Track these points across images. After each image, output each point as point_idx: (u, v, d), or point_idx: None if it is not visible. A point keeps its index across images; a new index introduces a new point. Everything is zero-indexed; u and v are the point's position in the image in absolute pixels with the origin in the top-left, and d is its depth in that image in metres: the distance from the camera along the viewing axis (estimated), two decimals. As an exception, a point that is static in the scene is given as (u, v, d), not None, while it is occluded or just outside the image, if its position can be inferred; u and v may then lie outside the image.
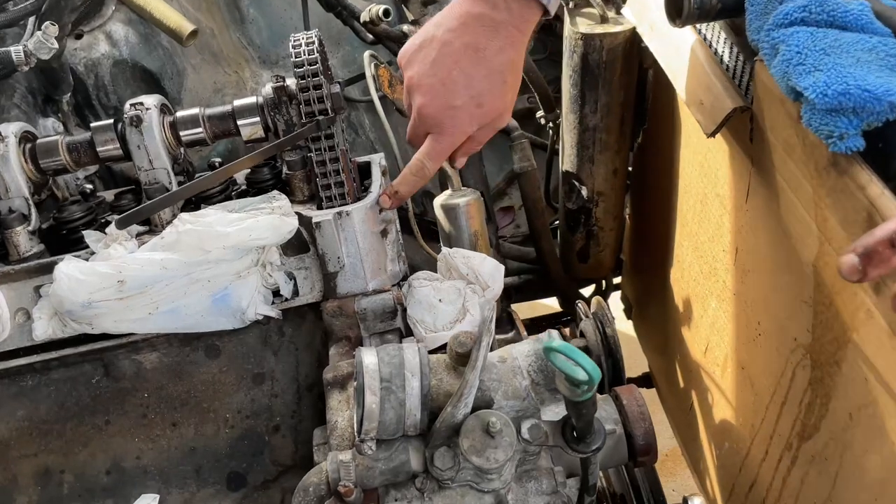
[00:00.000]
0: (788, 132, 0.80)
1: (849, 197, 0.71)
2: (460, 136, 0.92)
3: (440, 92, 0.88)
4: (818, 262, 0.80)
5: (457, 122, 0.90)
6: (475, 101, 0.88)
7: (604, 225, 1.37)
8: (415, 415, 0.72)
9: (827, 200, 0.75)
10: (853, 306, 0.76)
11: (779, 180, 0.85)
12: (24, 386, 0.99)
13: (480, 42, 0.85)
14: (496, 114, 0.91)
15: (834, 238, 0.76)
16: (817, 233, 0.79)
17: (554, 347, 0.62)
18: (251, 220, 0.91)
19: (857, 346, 0.76)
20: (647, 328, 1.54)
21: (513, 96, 0.92)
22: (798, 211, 0.82)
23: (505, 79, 0.88)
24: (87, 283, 0.89)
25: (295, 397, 1.01)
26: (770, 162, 0.86)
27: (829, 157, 0.73)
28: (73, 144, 1.00)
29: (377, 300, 0.95)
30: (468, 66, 0.86)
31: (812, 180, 0.77)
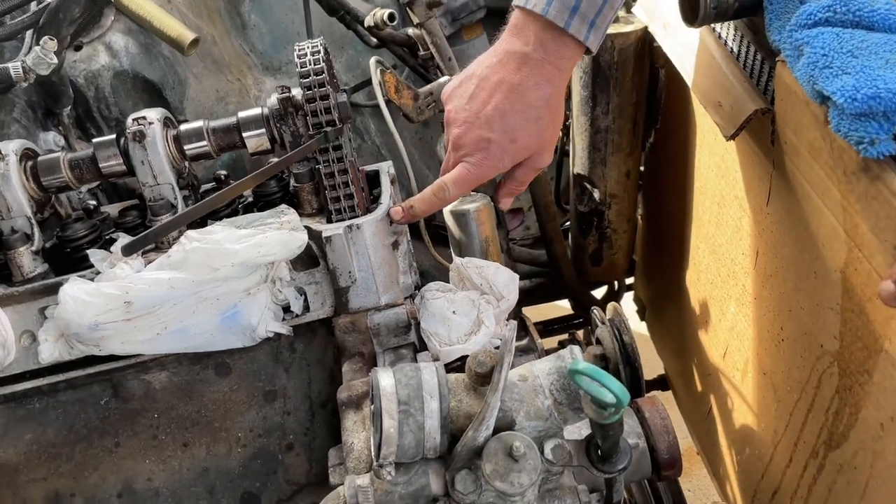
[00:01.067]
0: (814, 135, 0.77)
1: (882, 203, 0.68)
2: (490, 170, 0.90)
3: (474, 124, 0.87)
4: (847, 268, 0.78)
5: (489, 155, 0.88)
6: (508, 136, 0.87)
7: (617, 227, 1.34)
8: (434, 438, 0.70)
9: (857, 206, 0.72)
10: (886, 314, 0.73)
11: (803, 184, 0.83)
12: (31, 409, 0.97)
13: (515, 78, 0.84)
14: (531, 151, 0.89)
15: (864, 245, 0.73)
16: (846, 238, 0.76)
17: (580, 370, 0.59)
18: (260, 236, 0.88)
19: (890, 355, 0.74)
20: (662, 330, 1.51)
21: (552, 134, 0.90)
22: (824, 215, 0.80)
23: (541, 115, 0.86)
24: (94, 305, 0.86)
25: (308, 415, 0.99)
26: (794, 165, 0.84)
27: (859, 162, 0.70)
28: (75, 161, 0.98)
29: (390, 314, 0.93)
30: (503, 101, 0.85)
31: (840, 185, 0.75)
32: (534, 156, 0.90)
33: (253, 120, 0.98)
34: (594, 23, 0.81)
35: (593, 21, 0.81)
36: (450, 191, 0.93)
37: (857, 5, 0.72)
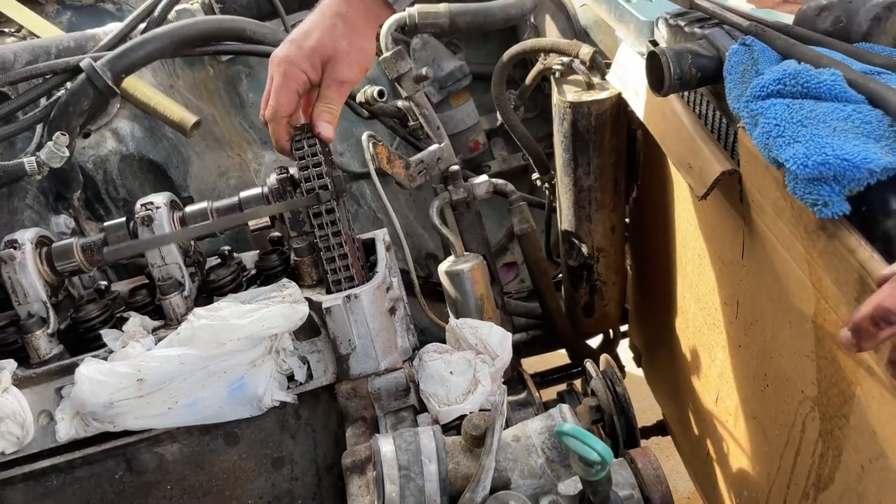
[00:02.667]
0: (776, 195, 0.83)
1: (840, 259, 0.73)
2: (291, 67, 0.97)
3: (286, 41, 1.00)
4: (817, 318, 0.83)
5: (287, 53, 0.97)
6: (303, 35, 0.97)
7: (606, 279, 1.39)
8: (435, 500, 0.73)
9: (819, 261, 0.78)
10: (855, 361, 0.78)
11: (772, 239, 0.88)
12: (49, 486, 1.01)
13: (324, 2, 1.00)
14: (326, 51, 0.97)
15: (829, 296, 0.78)
16: (813, 290, 0.81)
17: (566, 432, 0.64)
18: (263, 310, 0.93)
19: (861, 400, 0.78)
20: (658, 376, 1.55)
21: (349, 46, 0.98)
22: (793, 269, 0.85)
23: (335, 22, 0.97)
24: (108, 384, 0.91)
25: (315, 479, 1.03)
26: (762, 222, 0.89)
27: (817, 221, 0.76)
28: (86, 245, 1.04)
29: (390, 379, 0.97)
30: (309, 17, 0.99)
31: (803, 241, 0.80)
32: (330, 63, 0.98)
33: (254, 198, 1.04)
34: None
35: None
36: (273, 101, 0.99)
37: (805, 78, 0.79)
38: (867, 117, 0.74)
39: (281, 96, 0.98)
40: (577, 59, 1.25)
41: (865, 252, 0.70)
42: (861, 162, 0.70)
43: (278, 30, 1.31)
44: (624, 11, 1.19)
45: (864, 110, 0.75)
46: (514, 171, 1.71)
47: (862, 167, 0.70)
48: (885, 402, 0.73)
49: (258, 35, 1.26)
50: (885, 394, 0.73)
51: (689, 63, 0.93)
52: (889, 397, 0.72)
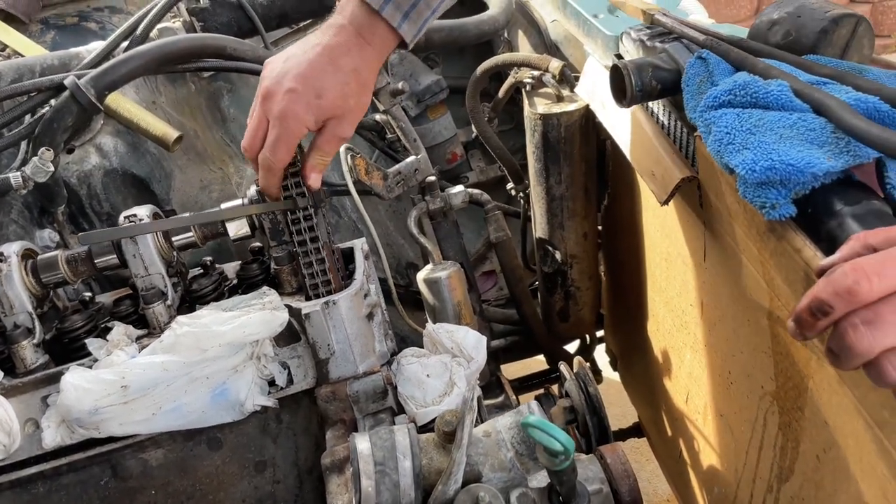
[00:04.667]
0: (731, 199, 0.87)
1: (788, 259, 0.78)
2: (297, 124, 0.93)
3: (286, 77, 0.92)
4: (771, 315, 0.87)
5: (294, 107, 0.91)
6: (315, 91, 0.91)
7: (580, 285, 1.44)
8: (409, 494, 0.77)
9: (771, 261, 0.82)
10: (805, 355, 0.82)
11: (729, 242, 0.93)
12: (35, 493, 1.03)
13: (331, 42, 0.93)
14: (334, 112, 0.94)
15: (781, 294, 0.83)
16: (767, 289, 0.86)
17: (531, 423, 0.67)
18: (244, 317, 0.97)
19: (813, 392, 0.82)
20: (633, 379, 1.59)
21: (356, 105, 0.96)
22: (748, 269, 0.89)
23: (348, 80, 0.93)
24: (93, 391, 0.94)
25: (296, 482, 1.06)
26: (720, 225, 0.94)
27: (766, 224, 0.80)
28: (71, 257, 1.06)
29: (368, 382, 1.00)
30: (315, 59, 0.92)
31: (756, 243, 0.85)
32: (335, 120, 0.95)
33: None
34: (408, 14, 0.91)
35: (407, 12, 0.91)
36: (270, 159, 0.95)
37: (754, 88, 0.83)
38: (811, 125, 0.79)
39: (281, 151, 0.94)
40: (548, 72, 1.30)
41: (810, 251, 0.74)
42: (805, 166, 0.74)
43: (258, 47, 1.34)
44: (591, 27, 1.24)
45: (808, 118, 0.80)
46: (491, 182, 1.75)
47: (806, 171, 0.74)
48: (833, 392, 0.78)
49: (239, 52, 1.30)
50: (833, 384, 0.77)
51: (650, 76, 0.97)
52: (837, 387, 0.77)
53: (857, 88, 0.82)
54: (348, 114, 0.96)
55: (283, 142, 0.94)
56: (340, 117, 0.95)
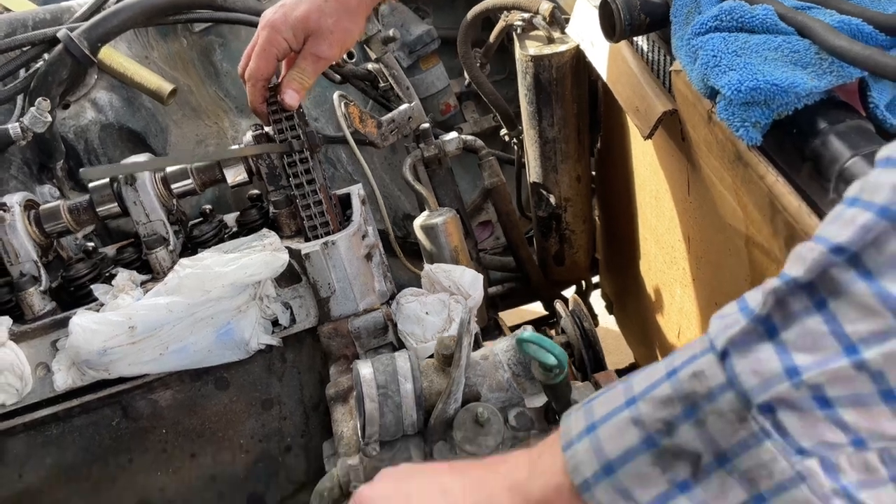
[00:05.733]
0: (704, 131, 0.89)
1: (755, 185, 0.80)
2: (274, 35, 1.00)
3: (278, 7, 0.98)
4: (748, 242, 0.90)
5: (274, 18, 0.98)
6: (293, 6, 0.96)
7: (574, 228, 1.46)
8: (411, 415, 0.80)
9: (743, 189, 0.85)
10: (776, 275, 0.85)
11: (708, 173, 0.95)
12: (49, 435, 1.06)
13: None
14: (311, 25, 0.97)
15: (754, 220, 0.85)
16: (742, 217, 0.88)
17: (525, 339, 0.70)
18: (246, 258, 0.99)
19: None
20: (628, 321, 1.63)
21: (335, 25, 0.98)
22: (726, 199, 0.92)
23: None
24: (101, 332, 0.96)
25: (303, 418, 1.09)
26: (699, 158, 0.96)
27: (735, 152, 0.83)
28: (73, 207, 1.08)
29: (368, 319, 1.03)
30: None
31: (729, 172, 0.87)
32: (312, 38, 1.00)
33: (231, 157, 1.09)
34: None
35: None
36: None
37: (740, 13, 0.85)
38: (795, 47, 0.81)
39: (260, 60, 1.01)
40: (538, 14, 1.30)
41: (771, 177, 0.77)
42: (789, 86, 0.76)
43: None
44: (580, -34, 1.24)
45: (792, 41, 0.81)
46: (485, 133, 1.76)
47: (790, 91, 0.76)
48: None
49: (229, 3, 1.30)
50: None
51: (638, 9, 0.98)
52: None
53: (841, 12, 0.83)
54: (326, 33, 0.99)
55: (261, 52, 0.99)
56: (317, 35, 0.99)
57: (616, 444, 0.50)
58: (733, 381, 0.46)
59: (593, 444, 0.51)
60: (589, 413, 0.53)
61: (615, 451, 0.50)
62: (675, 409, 0.49)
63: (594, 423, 0.52)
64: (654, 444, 0.49)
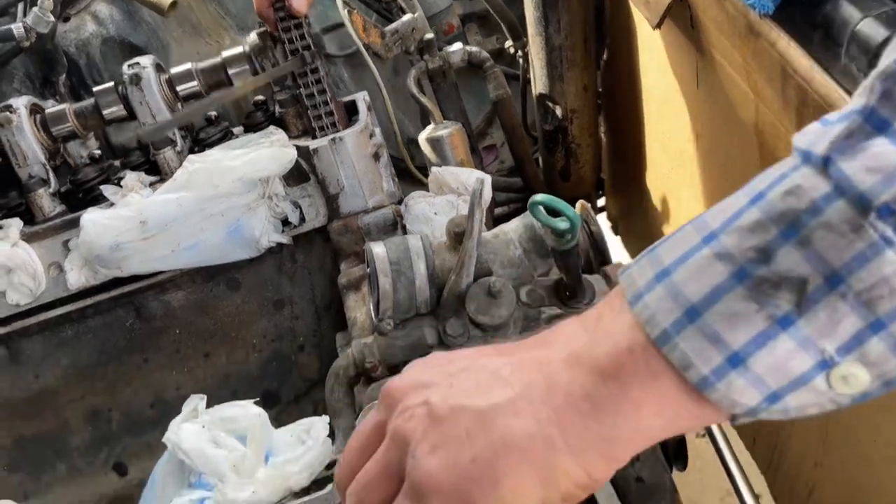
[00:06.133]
0: (715, 10, 0.89)
1: (766, 56, 0.80)
2: None
3: None
4: (758, 123, 0.90)
5: None
6: None
7: (581, 142, 1.46)
8: (424, 291, 0.81)
9: (753, 64, 0.84)
10: (788, 155, 0.85)
11: (717, 57, 0.94)
12: (64, 336, 1.08)
13: None
14: None
15: (765, 98, 0.85)
16: (753, 98, 0.88)
17: (538, 201, 0.70)
18: (254, 153, 0.99)
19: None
20: (633, 238, 1.63)
21: None
22: (737, 83, 0.91)
23: None
24: (113, 228, 0.97)
25: (314, 317, 1.10)
26: (708, 43, 0.95)
27: (746, 25, 0.82)
28: (79, 110, 1.08)
29: (378, 215, 1.04)
30: None
31: (740, 49, 0.86)
32: None
33: (236, 58, 1.08)
34: None
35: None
36: None
37: None
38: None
39: None
40: (543, -82, 1.28)
41: (784, 42, 0.77)
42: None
43: None
44: None
45: None
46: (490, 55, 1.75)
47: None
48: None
49: None
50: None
51: None
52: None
53: None
54: None
55: None
56: None
57: (698, 284, 0.41)
58: (843, 186, 0.38)
59: (669, 290, 0.42)
60: (655, 261, 0.44)
61: (698, 293, 0.41)
62: (769, 234, 0.40)
63: (666, 269, 0.42)
64: (748, 277, 0.40)
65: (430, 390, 0.46)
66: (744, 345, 0.40)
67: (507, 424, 0.44)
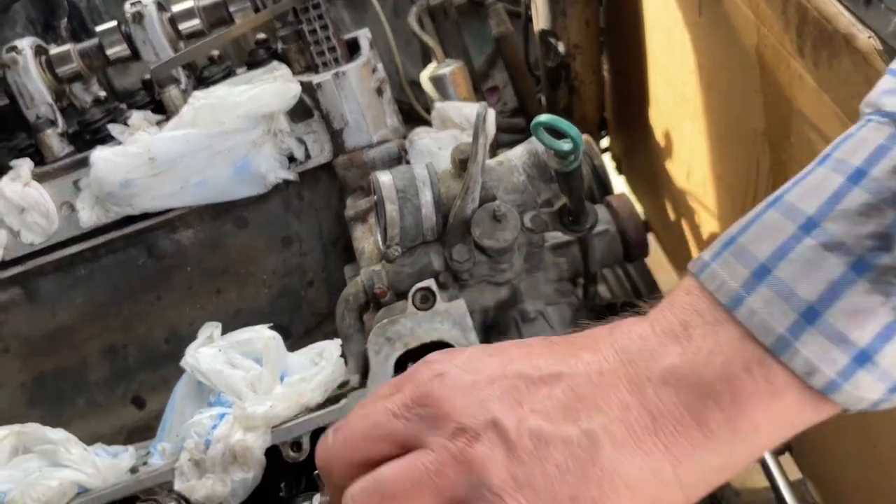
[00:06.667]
0: None
1: None
2: None
3: None
4: (759, 47, 0.90)
5: None
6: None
7: (584, 79, 1.46)
8: (430, 218, 0.82)
9: None
10: (789, 76, 0.85)
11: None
12: (79, 276, 1.10)
13: None
14: None
15: (766, 20, 0.85)
16: (754, 20, 0.88)
17: (541, 122, 0.71)
18: (258, 88, 1.00)
19: (800, 113, 0.86)
20: (637, 177, 1.64)
21: None
22: (737, 5, 0.91)
23: None
24: (122, 164, 0.98)
25: (322, 253, 1.13)
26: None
27: None
28: (84, 50, 1.08)
29: (382, 149, 1.05)
30: None
31: None
32: None
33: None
34: None
35: None
36: None
37: None
38: None
39: None
40: None
41: None
42: None
43: None
44: None
45: None
46: None
47: None
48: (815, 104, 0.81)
49: None
50: (812, 95, 0.81)
51: None
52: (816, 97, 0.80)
53: None
54: None
55: None
56: None
57: (812, 281, 0.37)
58: None
59: (777, 290, 0.37)
60: (743, 254, 0.39)
61: (814, 291, 0.37)
62: (886, 218, 0.36)
63: (763, 266, 0.38)
64: (869, 267, 0.37)
65: (495, 407, 0.39)
66: (871, 341, 0.37)
67: (610, 458, 0.38)
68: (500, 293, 0.88)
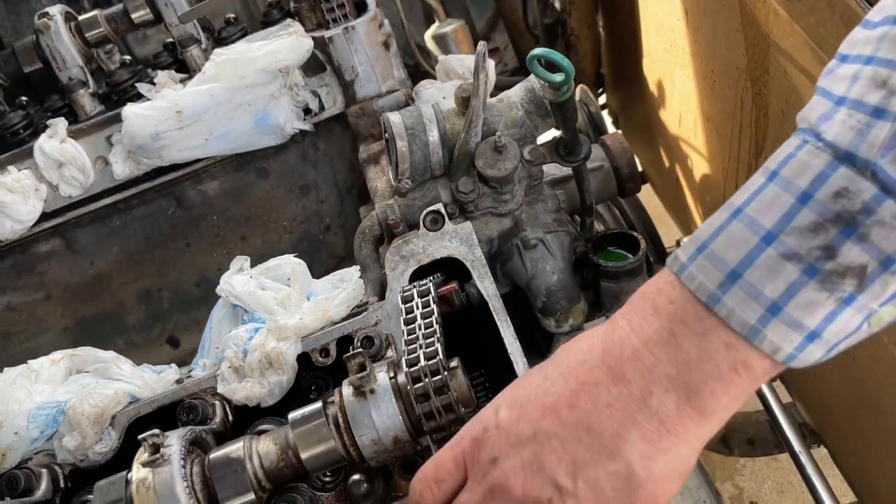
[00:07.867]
0: None
1: None
2: None
3: None
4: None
5: None
6: None
7: (580, 34, 1.52)
8: (438, 153, 0.91)
9: None
10: (765, 12, 0.92)
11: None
12: (113, 226, 1.19)
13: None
14: None
15: None
16: None
17: (535, 54, 0.79)
18: (274, 44, 1.08)
19: (776, 45, 0.93)
20: (633, 128, 1.72)
21: None
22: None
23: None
24: (152, 118, 1.07)
25: (338, 200, 1.21)
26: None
27: None
28: (110, 15, 1.16)
29: (391, 98, 1.13)
30: None
31: None
32: None
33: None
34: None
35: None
36: None
37: None
38: None
39: None
40: None
41: None
42: None
43: None
44: None
45: None
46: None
47: None
48: (787, 34, 0.89)
49: None
50: (786, 27, 0.88)
51: None
52: (789, 27, 0.87)
53: None
54: None
55: None
56: None
57: (775, 283, 0.49)
58: (891, 188, 0.46)
59: (746, 291, 0.50)
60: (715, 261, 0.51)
61: (776, 290, 0.49)
62: (829, 234, 0.48)
63: (734, 271, 0.50)
64: (817, 272, 0.48)
65: None
66: (819, 323, 0.50)
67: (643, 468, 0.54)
68: (503, 223, 0.96)
